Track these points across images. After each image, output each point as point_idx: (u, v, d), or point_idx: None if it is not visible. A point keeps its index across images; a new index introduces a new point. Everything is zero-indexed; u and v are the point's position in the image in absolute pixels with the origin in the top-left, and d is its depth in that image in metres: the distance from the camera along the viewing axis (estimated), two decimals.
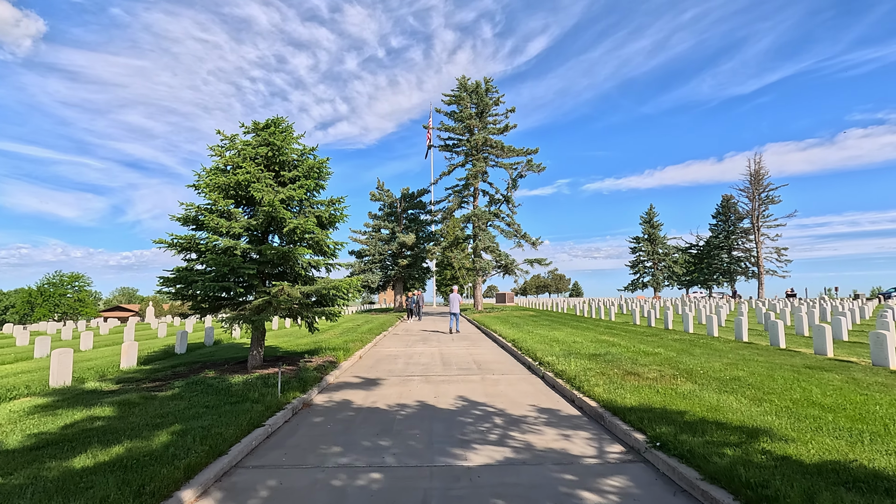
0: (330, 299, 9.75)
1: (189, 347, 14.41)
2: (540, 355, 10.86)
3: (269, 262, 9.17)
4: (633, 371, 8.58)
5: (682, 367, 8.86)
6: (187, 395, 7.21)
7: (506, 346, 14.33)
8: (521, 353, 12.15)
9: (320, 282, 9.76)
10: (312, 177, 10.02)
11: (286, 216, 9.09)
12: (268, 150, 9.68)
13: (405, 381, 9.30)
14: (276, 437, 5.84)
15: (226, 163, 9.60)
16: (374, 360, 12.39)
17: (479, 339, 17.23)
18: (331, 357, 11.38)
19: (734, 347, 11.85)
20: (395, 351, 14.18)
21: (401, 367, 11.17)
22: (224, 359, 11.51)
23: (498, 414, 6.76)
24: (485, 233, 36.36)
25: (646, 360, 9.77)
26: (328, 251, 10.27)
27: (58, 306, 79.68)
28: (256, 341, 9.90)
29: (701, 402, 6.28)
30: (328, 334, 17.69)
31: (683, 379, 7.82)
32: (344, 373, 10.40)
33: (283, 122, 10.25)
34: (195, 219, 9.04)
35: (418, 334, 19.55)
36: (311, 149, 10.34)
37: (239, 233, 9.14)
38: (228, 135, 9.75)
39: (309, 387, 8.19)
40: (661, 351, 11.01)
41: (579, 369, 8.85)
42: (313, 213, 10.13)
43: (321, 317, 9.66)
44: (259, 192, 9.07)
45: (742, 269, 71.01)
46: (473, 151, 37.24)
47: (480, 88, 37.95)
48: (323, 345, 14.01)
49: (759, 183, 67.45)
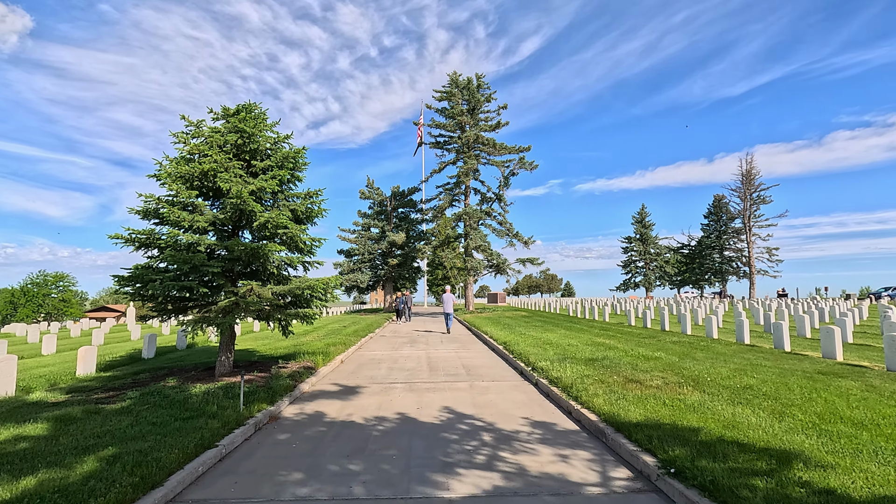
0: (305, 300, 8.96)
1: (160, 351, 13.52)
2: (533, 360, 10.14)
3: (238, 259, 8.36)
4: (634, 378, 7.89)
5: (687, 373, 8.18)
6: (137, 409, 6.39)
7: (497, 348, 13.61)
8: (513, 357, 11.43)
9: (295, 281, 8.96)
10: (287, 167, 9.22)
11: (256, 209, 8.28)
12: (238, 137, 8.86)
13: (387, 390, 8.54)
14: (229, 461, 5.05)
15: (191, 151, 8.77)
16: (356, 364, 11.60)
17: (469, 342, 16.49)
18: (309, 362, 10.57)
19: (737, 351, 11.22)
20: (380, 354, 13.40)
21: (384, 372, 10.40)
22: (193, 364, 10.66)
23: (487, 429, 6.02)
24: (476, 232, 35.64)
25: (647, 365, 9.09)
26: (304, 248, 9.47)
27: (41, 307, 77.88)
28: (225, 346, 9.07)
29: (715, 415, 5.59)
30: (311, 336, 16.86)
31: (690, 387, 7.14)
32: (321, 380, 9.61)
33: (255, 108, 9.44)
34: (155, 212, 8.20)
35: (406, 336, 18.77)
36: (285, 136, 9.54)
37: (204, 227, 8.32)
38: (194, 120, 8.91)
39: (278, 397, 7.39)
40: (661, 355, 10.35)
41: (576, 376, 8.14)
42: (288, 206, 9.33)
43: (296, 319, 8.85)
44: (226, 183, 8.26)
45: (733, 269, 70.97)
46: (465, 149, 36.51)
47: (472, 85, 37.23)
48: (303, 348, 13.19)
49: (750, 183, 67.43)
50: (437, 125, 37.44)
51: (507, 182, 36.43)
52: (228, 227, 9.16)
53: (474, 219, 35.60)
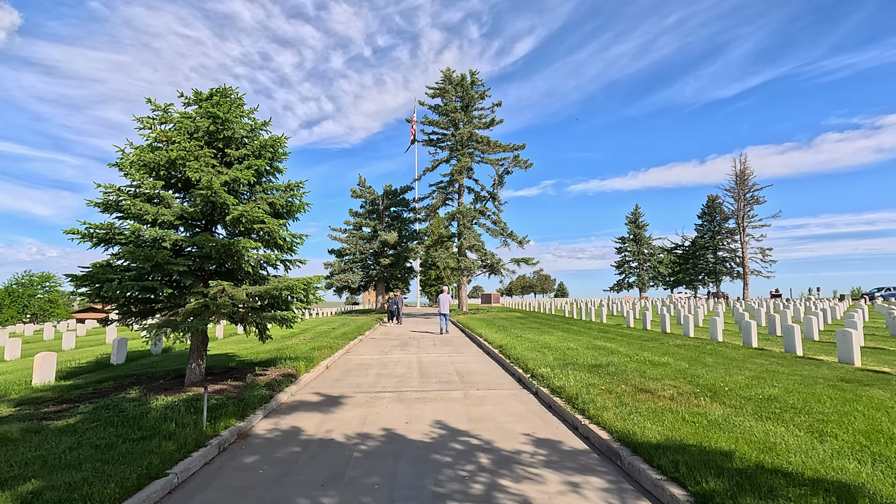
0: (284, 302, 8.17)
1: (133, 356, 12.66)
2: (532, 366, 9.43)
3: (208, 257, 7.56)
4: (644, 387, 7.20)
5: (701, 381, 7.50)
6: (84, 428, 5.59)
7: (492, 352, 12.89)
8: (510, 362, 10.71)
9: (273, 281, 8.18)
10: (265, 156, 8.43)
11: (229, 202, 7.49)
12: (210, 123, 8.07)
13: (373, 400, 7.78)
14: (180, 494, 4.28)
15: (158, 138, 7.96)
16: (342, 370, 10.83)
17: (463, 345, 15.76)
18: (290, 368, 9.79)
19: (747, 355, 10.58)
20: (369, 359, 12.64)
21: (371, 379, 9.64)
22: (165, 371, 9.84)
23: (484, 449, 5.29)
24: (470, 231, 34.92)
25: (655, 372, 8.40)
26: (284, 245, 8.69)
27: (27, 307, 76.14)
28: (196, 352, 8.27)
29: (745, 434, 4.89)
30: (297, 339, 16.05)
31: (708, 399, 6.45)
32: (302, 388, 8.83)
33: (231, 93, 8.65)
34: (116, 204, 7.38)
35: (397, 338, 18.01)
36: (262, 123, 8.75)
37: (171, 221, 7.52)
38: (161, 104, 8.10)
39: (250, 410, 6.61)
40: (669, 360, 9.67)
41: (580, 385, 7.43)
42: (266, 199, 8.55)
43: (273, 323, 8.07)
44: (196, 173, 7.46)
45: (727, 270, 70.90)
46: (458, 146, 35.78)
47: (466, 81, 36.52)
48: (287, 352, 12.39)
49: (744, 183, 67.30)
50: (430, 122, 36.68)
51: (502, 180, 35.74)
52: (200, 222, 8.36)
53: (468, 218, 34.87)
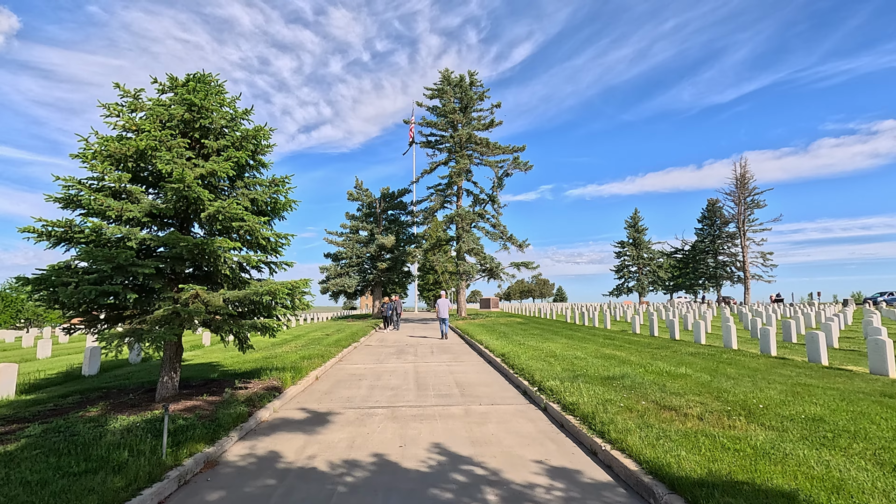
0: (265, 308, 7.38)
1: (109, 366, 11.83)
2: (539, 377, 8.65)
3: (179, 258, 6.78)
4: (667, 404, 6.43)
5: (730, 397, 6.73)
6: (22, 457, 4.78)
7: (494, 361, 12.10)
8: (514, 372, 9.93)
9: (254, 285, 7.39)
10: (246, 148, 7.67)
11: (204, 197, 6.72)
12: (185, 111, 7.31)
13: (364, 418, 6.99)
14: None
15: (126, 126, 7.19)
16: (332, 382, 10.03)
17: (462, 352, 14.96)
18: (275, 380, 8.99)
19: (769, 365, 9.82)
20: (362, 368, 11.83)
21: (364, 392, 8.84)
22: (139, 384, 9.03)
23: (491, 481, 4.51)
24: (469, 234, 34.18)
25: (676, 385, 7.63)
26: (268, 245, 7.91)
27: (20, 312, 75.00)
28: (168, 363, 7.47)
29: (802, 467, 4.12)
30: (287, 347, 15.24)
31: (743, 419, 5.68)
32: (287, 403, 8.02)
33: (210, 79, 7.90)
34: (76, 199, 6.60)
35: (393, 346, 17.20)
36: (244, 112, 7.99)
37: (138, 218, 6.74)
38: (131, 90, 7.33)
39: (223, 433, 5.82)
40: (687, 371, 8.90)
41: (595, 401, 6.66)
42: (247, 195, 7.78)
43: (254, 331, 7.28)
44: (167, 165, 6.69)
45: (728, 274, 70.27)
46: (457, 148, 35.10)
47: (464, 82, 35.90)
48: (275, 361, 11.59)
49: (744, 187, 66.82)
50: (429, 123, 36.01)
51: (501, 183, 35.02)
52: (174, 221, 7.58)
53: (467, 221, 34.13)
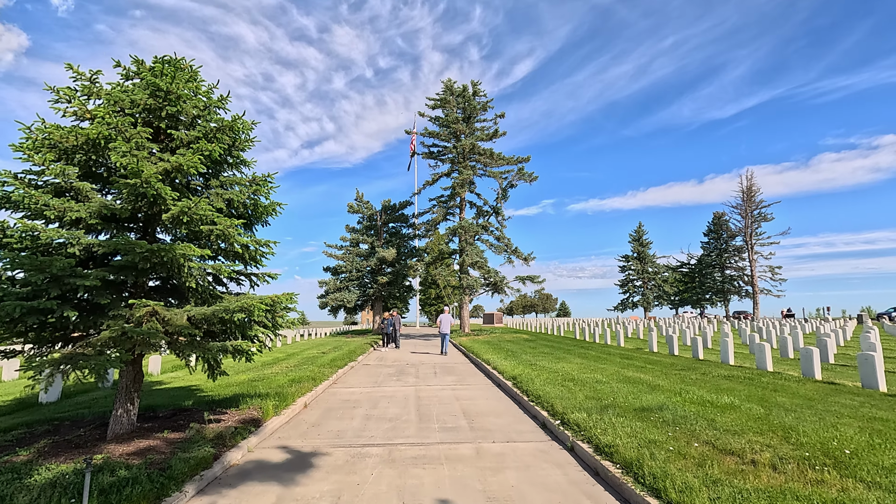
0: (238, 327, 6.22)
1: (76, 391, 10.62)
2: (560, 407, 7.44)
3: (132, 267, 5.65)
4: (725, 446, 5.22)
5: (802, 438, 5.52)
6: None
7: (503, 384, 10.88)
8: (529, 400, 8.72)
9: (228, 300, 6.24)
10: (221, 141, 6.60)
11: (166, 195, 5.62)
12: (148, 96, 6.26)
13: (356, 461, 5.78)
14: None
15: (78, 113, 6.14)
16: (322, 410, 8.82)
17: (468, 373, 13.72)
18: (256, 409, 7.79)
19: (821, 392, 8.59)
20: (358, 393, 10.61)
21: (357, 424, 7.63)
22: (100, 413, 7.83)
23: None
24: (472, 247, 33.04)
25: (726, 420, 6.42)
26: (245, 254, 6.80)
27: None
28: (124, 393, 6.29)
29: None
30: (278, 368, 14.02)
31: (832, 469, 4.47)
32: (266, 440, 6.81)
33: (183, 65, 6.86)
34: (8, 197, 5.50)
35: (392, 365, 15.95)
36: (220, 99, 6.94)
37: (85, 220, 5.64)
38: (86, 72, 6.29)
39: (175, 488, 4.62)
40: (732, 401, 7.68)
41: (636, 441, 5.46)
42: (222, 195, 6.69)
43: (224, 355, 6.11)
44: (124, 157, 5.60)
45: (735, 289, 68.85)
46: (460, 158, 34.20)
47: (467, 92, 35.14)
48: (261, 385, 10.39)
49: (751, 200, 65.80)
50: (431, 134, 35.16)
51: (506, 194, 34.04)
52: (135, 224, 6.48)
53: (470, 233, 33.04)
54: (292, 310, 7.14)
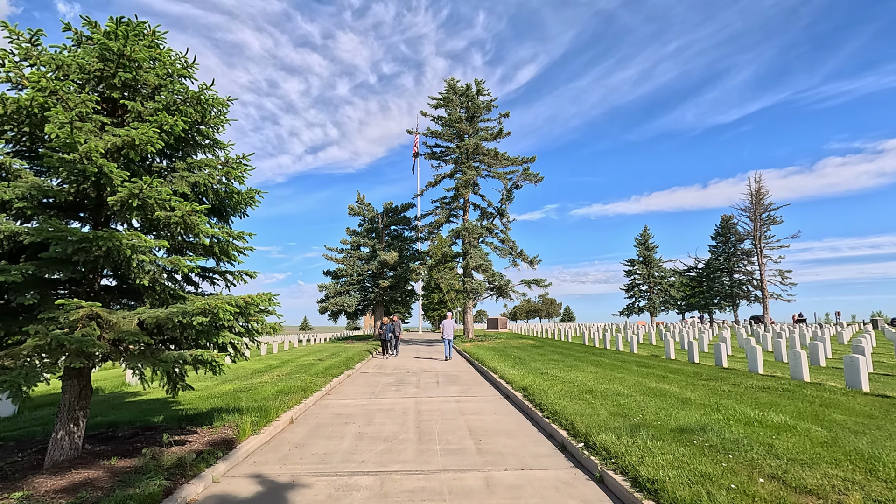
0: (203, 333, 5.21)
1: (42, 402, 9.65)
2: (581, 426, 6.39)
3: (68, 261, 4.66)
4: (799, 483, 4.17)
5: (892, 471, 4.45)
6: None
7: (512, 396, 9.83)
8: (545, 416, 7.66)
9: (192, 301, 5.24)
10: (186, 114, 5.63)
11: (112, 174, 4.65)
12: (98, 60, 5.30)
13: (340, 496, 4.75)
14: None
15: (13, 79, 5.19)
16: (309, 427, 7.79)
17: (473, 383, 12.67)
18: (231, 427, 6.77)
19: (880, 407, 7.51)
20: (352, 405, 9.57)
21: (347, 445, 6.60)
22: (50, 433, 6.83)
23: None
24: (476, 250, 32.01)
25: (786, 444, 5.35)
26: (216, 248, 5.81)
27: None
28: (67, 412, 5.30)
29: None
30: (269, 376, 13.01)
31: None
32: (237, 466, 5.79)
33: (143, 28, 5.90)
34: None
35: (392, 374, 14.90)
36: (185, 67, 5.97)
37: (11, 202, 4.67)
38: (25, 32, 5.34)
39: None
40: (786, 420, 6.60)
41: (684, 475, 4.41)
42: (187, 179, 5.71)
43: (184, 367, 5.11)
44: (61, 129, 4.63)
45: (744, 293, 67.43)
46: (463, 158, 33.25)
47: (471, 91, 34.22)
48: (244, 397, 9.40)
49: (760, 202, 64.49)
50: (434, 134, 34.24)
51: (511, 195, 33.02)
52: (81, 212, 5.51)
53: (474, 235, 32.01)
54: (271, 312, 6.15)
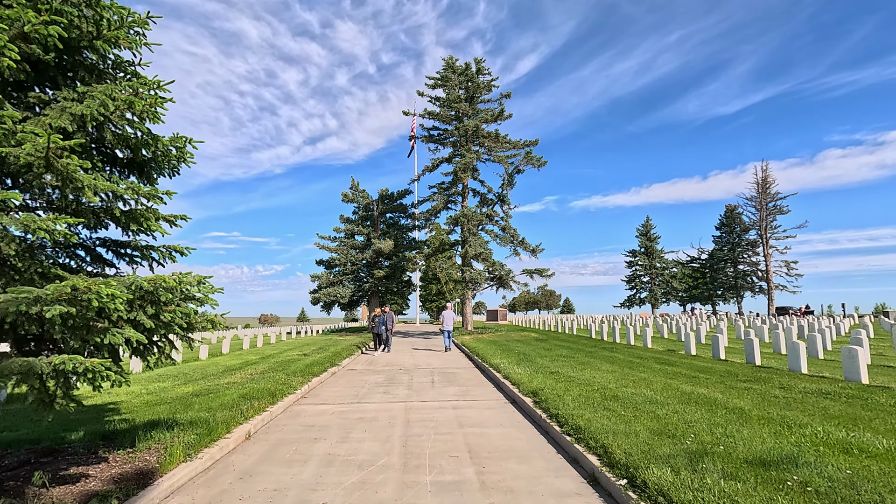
0: (76, 331, 3.56)
1: None
2: (618, 450, 4.77)
3: None
4: None
5: None
6: None
7: (520, 401, 8.23)
8: (564, 431, 6.05)
9: (74, 280, 3.58)
10: (65, 14, 3.94)
11: None
12: None
13: None
14: None
15: None
16: (269, 444, 6.17)
17: (474, 383, 11.07)
18: (157, 451, 5.16)
19: None
20: (329, 412, 7.96)
21: (309, 474, 4.98)
22: None
23: None
24: (476, 238, 30.34)
25: None
26: (117, 212, 4.15)
27: None
28: None
29: None
30: (240, 375, 11.40)
31: None
32: None
33: None
34: None
35: (382, 371, 13.31)
36: None
37: None
38: None
39: None
40: (890, 446, 5.00)
41: None
42: (70, 110, 4.03)
43: (34, 380, 3.46)
44: None
45: (749, 284, 66.01)
46: (462, 141, 31.47)
47: (470, 70, 32.32)
48: (200, 402, 7.80)
49: (766, 192, 62.82)
50: (431, 115, 32.37)
51: (512, 180, 31.29)
52: None
53: (473, 222, 30.33)
54: (206, 301, 4.51)
